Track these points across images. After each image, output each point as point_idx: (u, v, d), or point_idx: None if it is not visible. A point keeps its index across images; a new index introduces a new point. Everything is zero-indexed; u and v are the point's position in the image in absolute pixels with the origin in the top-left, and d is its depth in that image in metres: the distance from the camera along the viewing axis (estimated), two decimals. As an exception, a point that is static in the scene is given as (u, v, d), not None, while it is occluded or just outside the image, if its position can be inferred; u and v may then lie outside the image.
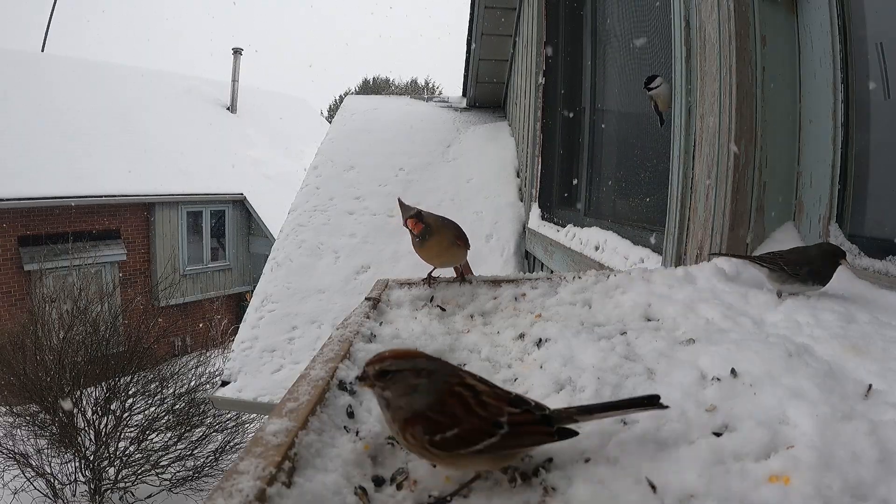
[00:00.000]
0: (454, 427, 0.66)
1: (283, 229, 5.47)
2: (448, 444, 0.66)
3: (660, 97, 2.22)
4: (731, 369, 0.89)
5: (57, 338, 7.88)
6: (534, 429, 0.68)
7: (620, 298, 1.33)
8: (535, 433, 0.68)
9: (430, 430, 0.66)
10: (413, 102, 7.72)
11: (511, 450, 0.68)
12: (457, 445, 0.66)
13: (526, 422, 0.68)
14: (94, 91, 14.26)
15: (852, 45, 1.45)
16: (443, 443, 0.66)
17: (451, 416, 0.66)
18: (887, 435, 0.69)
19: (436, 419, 0.66)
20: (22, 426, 7.26)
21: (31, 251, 11.30)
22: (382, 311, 1.37)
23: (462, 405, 0.67)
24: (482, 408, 0.68)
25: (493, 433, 0.66)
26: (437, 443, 0.66)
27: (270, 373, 4.25)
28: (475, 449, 0.66)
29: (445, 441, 0.65)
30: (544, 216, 4.47)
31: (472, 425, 0.66)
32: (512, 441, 0.67)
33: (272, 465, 0.64)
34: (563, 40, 4.34)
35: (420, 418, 0.67)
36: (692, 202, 1.81)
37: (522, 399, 0.72)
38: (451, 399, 0.68)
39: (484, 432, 0.66)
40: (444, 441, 0.65)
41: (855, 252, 1.39)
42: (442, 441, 0.65)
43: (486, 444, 0.66)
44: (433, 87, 34.33)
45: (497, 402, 0.69)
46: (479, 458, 0.67)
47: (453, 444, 0.66)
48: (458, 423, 0.66)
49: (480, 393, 0.69)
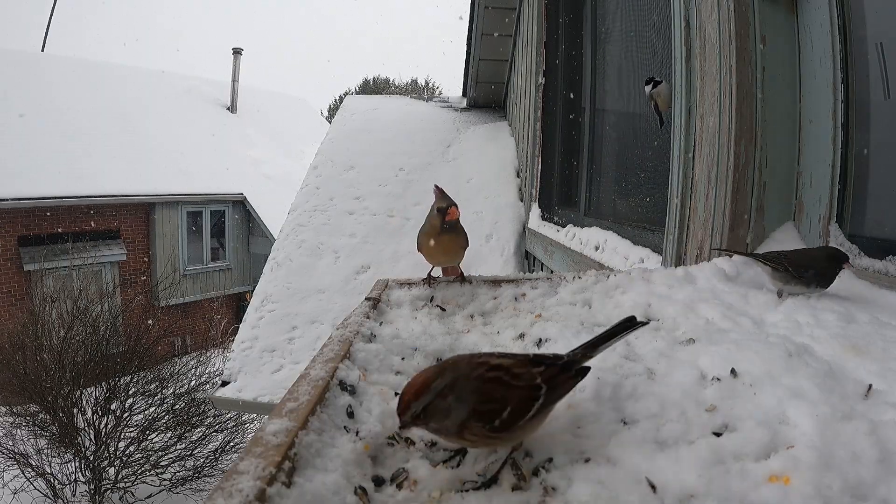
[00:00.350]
0: (506, 407, 0.70)
1: (283, 229, 5.47)
2: (507, 424, 0.71)
3: (660, 97, 2.22)
4: (731, 369, 0.89)
5: (57, 338, 7.88)
6: (562, 378, 0.76)
7: (620, 298, 1.33)
8: (564, 382, 0.76)
9: (488, 420, 0.70)
10: (413, 102, 7.72)
11: (553, 403, 0.75)
12: (514, 420, 0.71)
13: (554, 375, 0.75)
14: (94, 91, 14.26)
15: (852, 45, 1.45)
16: (502, 425, 0.70)
17: (499, 400, 0.71)
18: (887, 435, 0.69)
19: (487, 410, 0.70)
20: (22, 426, 7.26)
21: (31, 251, 11.30)
22: (382, 311, 1.37)
23: (502, 385, 0.73)
24: (517, 379, 0.73)
25: (537, 396, 0.72)
26: (497, 427, 0.70)
27: (270, 373, 4.25)
28: (530, 416, 0.71)
29: (504, 423, 0.70)
30: (544, 216, 4.47)
31: (518, 397, 0.72)
32: (552, 396, 0.74)
33: (272, 465, 0.63)
34: (563, 40, 4.34)
35: (471, 419, 0.70)
36: (692, 202, 1.81)
37: (542, 356, 0.79)
38: (489, 385, 0.72)
39: (530, 399, 0.72)
40: (503, 423, 0.70)
41: (855, 252, 1.39)
42: (501, 424, 0.70)
43: (536, 408, 0.72)
44: (433, 87, 34.32)
45: (525, 369, 0.75)
46: (533, 423, 0.73)
47: (511, 421, 0.71)
48: (507, 402, 0.71)
49: (510, 367, 0.74)
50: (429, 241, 1.49)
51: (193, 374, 8.37)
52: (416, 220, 5.05)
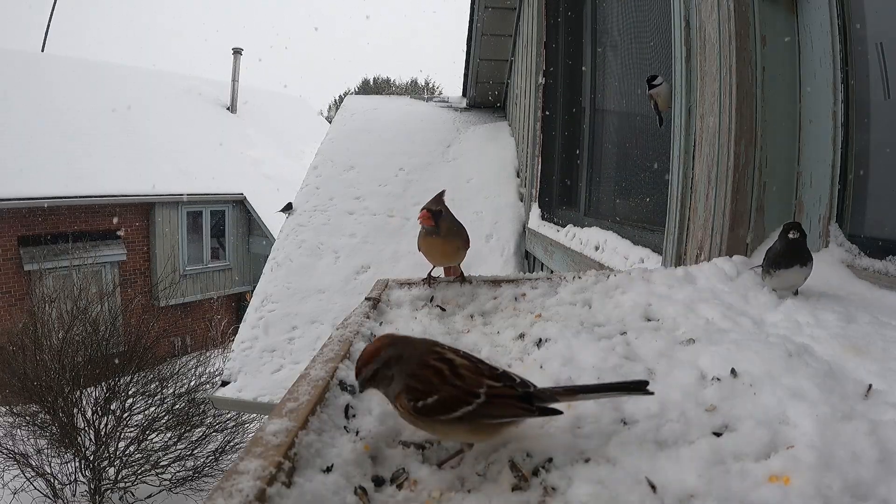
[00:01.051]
0: (433, 394, 0.73)
1: (283, 229, 5.47)
2: (430, 410, 0.73)
3: (660, 96, 2.22)
4: (731, 369, 0.89)
5: (57, 338, 7.88)
6: (510, 402, 0.74)
7: (620, 298, 1.33)
8: (510, 406, 0.74)
9: (413, 397, 0.74)
10: (413, 102, 7.72)
11: (488, 419, 0.73)
12: (437, 411, 0.73)
13: (504, 395, 0.74)
14: (94, 91, 14.25)
15: (852, 45, 1.45)
16: (425, 409, 0.73)
17: (428, 383, 0.74)
18: (887, 435, 0.69)
19: (414, 387, 0.74)
20: (22, 426, 7.25)
21: (31, 251, 11.30)
22: (382, 311, 1.37)
23: (438, 376, 0.74)
24: (459, 379, 0.74)
25: (469, 402, 0.72)
26: (419, 409, 0.73)
27: (270, 373, 4.25)
28: (455, 416, 0.72)
29: (427, 407, 0.73)
30: (544, 216, 4.47)
31: (449, 393, 0.73)
32: (488, 410, 0.73)
33: (272, 465, 0.63)
34: (563, 40, 4.34)
35: (403, 389, 0.75)
36: (692, 202, 1.81)
37: (508, 375, 0.77)
38: (426, 370, 0.75)
39: (461, 400, 0.73)
40: (426, 407, 0.73)
41: (855, 252, 1.39)
42: (424, 407, 0.73)
43: (463, 412, 0.72)
44: (433, 87, 34.33)
45: (476, 376, 0.75)
46: (459, 427, 0.73)
47: (434, 409, 0.73)
48: (435, 390, 0.73)
49: (458, 366, 0.76)
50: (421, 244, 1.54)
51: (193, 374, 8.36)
52: (416, 221, 5.05)
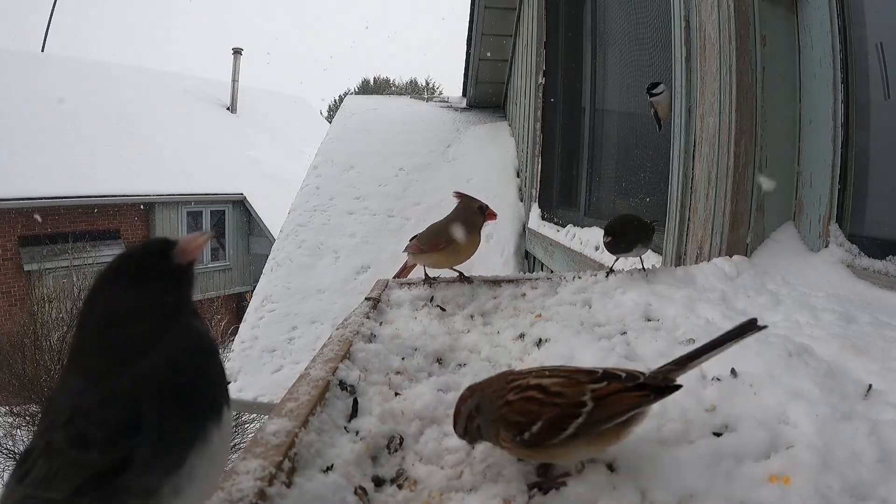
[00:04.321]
0: (537, 421, 0.67)
1: (283, 229, 5.47)
2: (539, 438, 0.67)
3: (660, 105, 2.20)
4: (731, 369, 0.89)
5: (57, 338, 7.87)
6: (623, 395, 0.68)
7: (620, 298, 1.33)
8: (624, 399, 0.67)
9: (516, 431, 0.67)
10: (413, 102, 7.72)
11: (605, 424, 0.67)
12: (547, 436, 0.66)
13: (612, 391, 0.68)
14: (94, 91, 14.25)
15: (852, 45, 1.45)
16: (533, 438, 0.67)
17: (527, 413, 0.68)
18: (887, 435, 0.69)
19: (515, 421, 0.68)
20: (22, 426, 7.25)
21: (31, 251, 11.30)
22: (382, 311, 1.37)
23: (533, 402, 0.68)
24: (558, 397, 0.68)
25: (577, 413, 0.66)
26: (527, 441, 0.67)
27: (270, 373, 4.25)
28: (567, 433, 0.66)
29: (534, 436, 0.67)
30: (544, 216, 4.46)
31: (554, 413, 0.67)
32: (601, 413, 0.66)
33: (272, 465, 0.63)
34: (563, 40, 4.34)
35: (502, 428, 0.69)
36: (692, 202, 1.81)
37: (611, 373, 0.71)
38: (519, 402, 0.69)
39: (569, 415, 0.66)
40: (532, 437, 0.67)
41: (855, 252, 1.39)
42: (531, 437, 0.67)
43: (576, 426, 0.66)
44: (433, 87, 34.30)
45: (574, 387, 0.69)
46: (576, 444, 0.67)
47: (543, 435, 0.66)
48: (536, 417, 0.67)
49: (548, 386, 0.69)
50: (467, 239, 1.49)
51: (193, 374, 8.35)
52: (417, 220, 5.05)
